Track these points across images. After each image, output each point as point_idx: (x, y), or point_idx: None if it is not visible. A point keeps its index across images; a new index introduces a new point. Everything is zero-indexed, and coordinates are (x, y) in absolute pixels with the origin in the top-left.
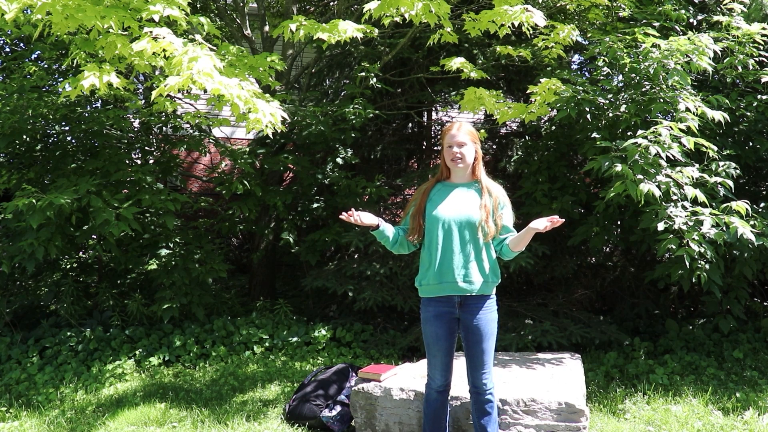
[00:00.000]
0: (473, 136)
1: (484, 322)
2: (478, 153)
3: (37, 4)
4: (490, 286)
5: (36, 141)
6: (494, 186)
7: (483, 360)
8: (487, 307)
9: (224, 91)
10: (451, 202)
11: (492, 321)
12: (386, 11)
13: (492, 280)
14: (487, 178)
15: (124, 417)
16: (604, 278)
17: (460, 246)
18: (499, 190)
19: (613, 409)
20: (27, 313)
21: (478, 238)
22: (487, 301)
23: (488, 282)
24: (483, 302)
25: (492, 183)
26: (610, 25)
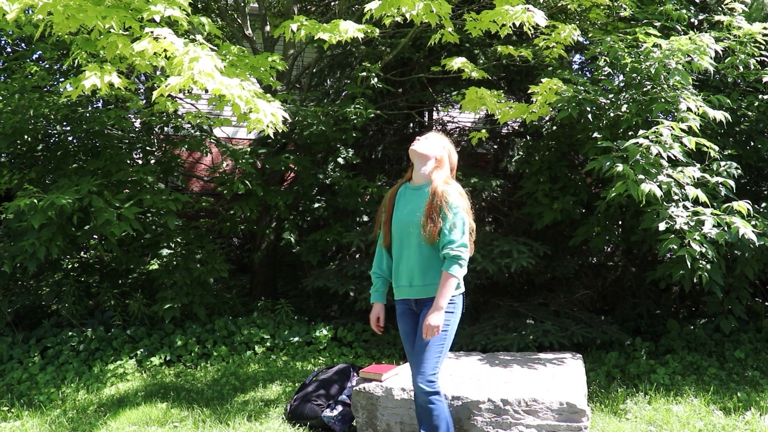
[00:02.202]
0: (444, 140)
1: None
2: (441, 158)
3: (38, 4)
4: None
5: (37, 141)
6: (442, 187)
7: (420, 358)
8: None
9: (225, 91)
10: (404, 204)
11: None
12: (387, 11)
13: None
14: (441, 180)
15: (125, 417)
16: (606, 278)
17: (409, 249)
18: (447, 192)
19: (614, 409)
20: (28, 312)
21: (425, 242)
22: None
23: (435, 284)
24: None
25: (441, 185)
26: (611, 25)
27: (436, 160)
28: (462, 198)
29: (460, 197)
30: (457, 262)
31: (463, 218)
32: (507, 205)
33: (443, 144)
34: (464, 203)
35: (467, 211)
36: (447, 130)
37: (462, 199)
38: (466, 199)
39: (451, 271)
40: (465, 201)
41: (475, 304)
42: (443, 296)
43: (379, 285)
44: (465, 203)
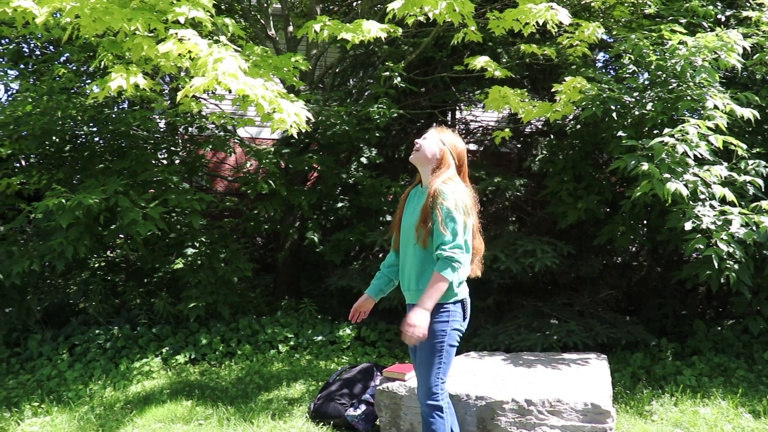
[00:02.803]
0: (442, 134)
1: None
2: (441, 156)
3: (66, 7)
4: None
5: (65, 142)
6: (435, 186)
7: (420, 371)
8: (432, 317)
9: (249, 91)
10: (410, 207)
11: (430, 332)
12: (410, 10)
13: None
14: (440, 179)
15: (151, 414)
16: (630, 278)
17: (409, 253)
18: (439, 192)
19: (639, 410)
20: (57, 311)
21: (418, 244)
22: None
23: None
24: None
25: (437, 184)
26: (636, 23)
27: (436, 160)
28: (458, 196)
29: (454, 195)
30: (450, 264)
31: (456, 217)
32: (530, 205)
33: (442, 140)
34: (462, 201)
35: (466, 210)
36: (470, 129)
37: (458, 197)
38: (467, 197)
39: (442, 273)
40: (463, 199)
41: (499, 304)
42: (429, 296)
43: (378, 279)
44: (463, 201)
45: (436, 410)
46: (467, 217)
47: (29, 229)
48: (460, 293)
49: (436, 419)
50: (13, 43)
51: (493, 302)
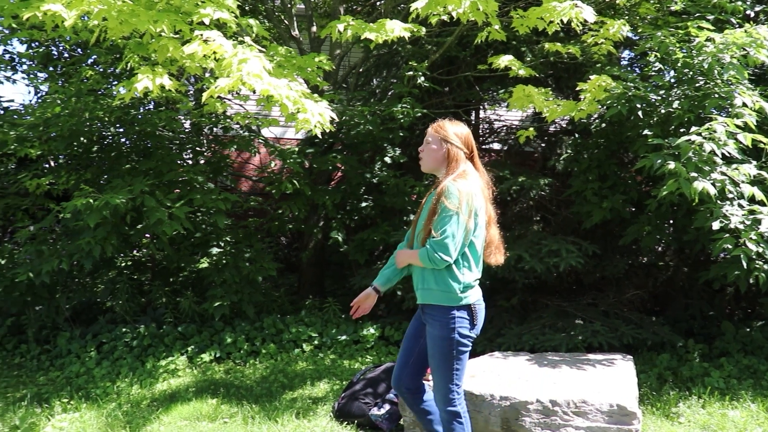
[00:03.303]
0: (441, 132)
1: (430, 337)
2: (450, 151)
3: (93, 10)
4: (435, 295)
5: (92, 143)
6: (445, 185)
7: (434, 378)
8: (436, 320)
9: (273, 91)
10: (424, 207)
11: (438, 338)
12: (433, 10)
13: (436, 288)
14: (450, 177)
15: (177, 412)
16: (657, 278)
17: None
18: (446, 190)
19: (666, 412)
20: (85, 309)
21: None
22: (436, 313)
23: (431, 290)
24: (433, 314)
25: (447, 182)
26: (662, 20)
27: (444, 160)
28: (463, 195)
29: (459, 195)
30: (428, 254)
31: (453, 219)
32: (555, 204)
33: (444, 138)
34: (467, 201)
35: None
36: (494, 129)
37: (463, 197)
38: (476, 193)
39: (419, 255)
40: (469, 198)
41: (523, 304)
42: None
43: (387, 268)
44: (468, 201)
45: (456, 417)
46: (471, 218)
47: (58, 229)
48: (467, 298)
49: (455, 426)
50: (42, 46)
51: (518, 302)
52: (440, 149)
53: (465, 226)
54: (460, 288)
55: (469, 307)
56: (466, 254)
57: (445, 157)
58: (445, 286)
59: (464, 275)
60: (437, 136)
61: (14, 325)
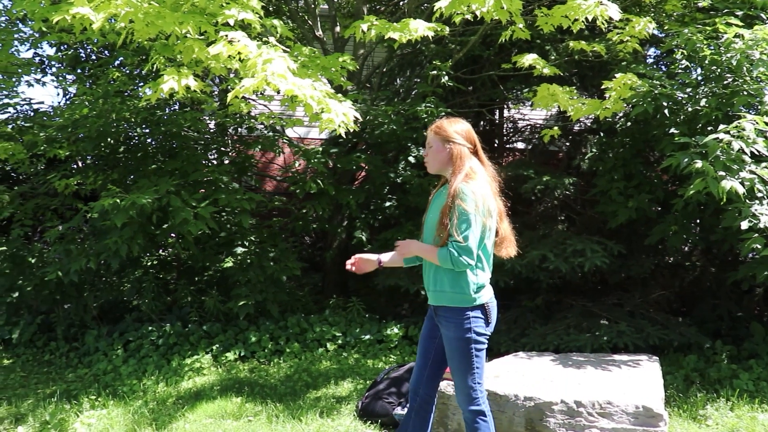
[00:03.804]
0: (442, 133)
1: (446, 339)
2: (454, 151)
3: (121, 13)
4: (449, 297)
5: (119, 143)
6: (457, 186)
7: (455, 380)
8: (451, 321)
9: (297, 91)
10: (432, 206)
11: (454, 340)
12: (457, 9)
13: (450, 290)
14: (460, 177)
15: (202, 410)
16: (683, 278)
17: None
18: (460, 191)
19: (693, 414)
20: (112, 307)
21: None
22: (450, 314)
23: (445, 293)
24: (447, 315)
25: (459, 183)
26: (689, 16)
27: (450, 160)
28: (477, 196)
29: (474, 196)
30: (450, 256)
31: (472, 220)
32: (580, 204)
33: (447, 138)
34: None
35: (487, 211)
36: (518, 128)
37: (478, 197)
38: (488, 192)
39: (438, 255)
40: (484, 198)
41: (548, 304)
42: (422, 248)
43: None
44: (483, 201)
45: (479, 415)
46: (487, 218)
47: (86, 229)
48: (480, 298)
49: (480, 423)
50: (71, 49)
51: (542, 302)
52: (444, 150)
53: (482, 227)
54: (474, 289)
55: (483, 307)
56: (479, 255)
57: (450, 157)
58: (459, 288)
59: (478, 276)
60: (438, 137)
61: (44, 323)
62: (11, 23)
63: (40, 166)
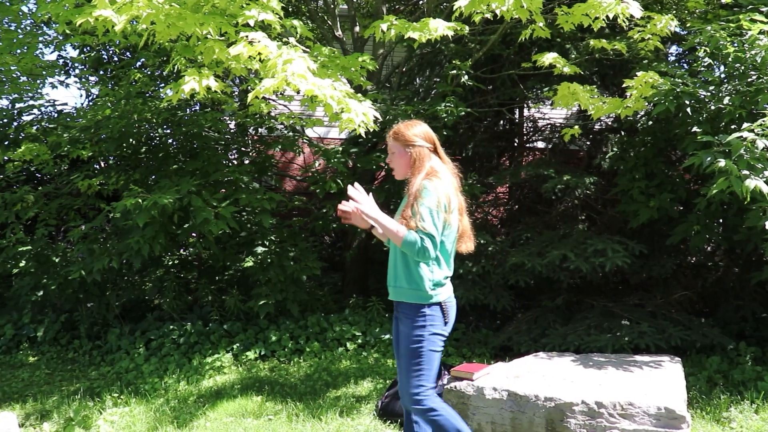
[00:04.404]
0: (401, 138)
1: (402, 335)
2: (415, 154)
3: (142, 14)
4: (406, 293)
5: (141, 144)
6: (420, 184)
7: (401, 378)
8: (408, 318)
9: (317, 92)
10: (399, 207)
11: (409, 336)
12: (477, 8)
13: (407, 286)
14: (421, 176)
15: (223, 408)
16: (706, 279)
17: (392, 251)
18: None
19: (716, 416)
20: (134, 306)
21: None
22: (408, 310)
23: (402, 288)
24: (405, 312)
25: (421, 181)
26: (712, 13)
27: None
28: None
29: (436, 192)
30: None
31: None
32: (601, 203)
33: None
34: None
35: (449, 206)
36: (538, 127)
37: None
38: (449, 188)
39: (407, 236)
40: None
41: (568, 304)
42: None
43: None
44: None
45: (429, 412)
46: (449, 214)
47: (108, 228)
48: (438, 296)
49: (435, 418)
50: (94, 51)
51: (563, 302)
52: (406, 154)
53: (444, 221)
54: (431, 285)
55: (441, 305)
56: (437, 252)
57: (413, 163)
58: (415, 284)
59: (434, 273)
60: (398, 143)
61: (68, 321)
62: (36, 26)
63: (64, 167)
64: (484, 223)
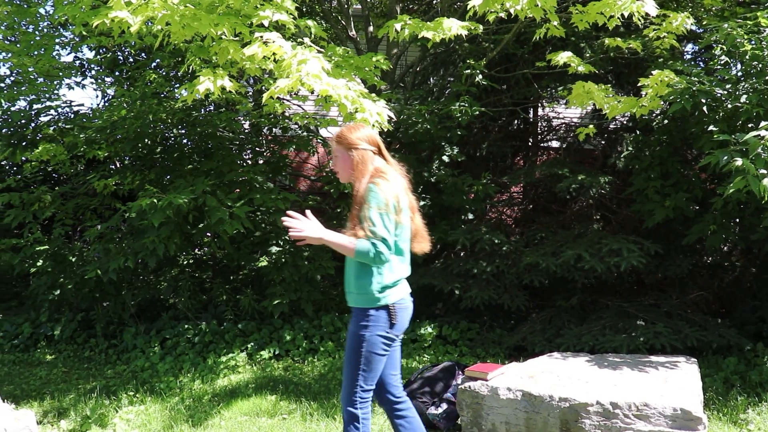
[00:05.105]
0: (344, 141)
1: (348, 335)
2: (357, 159)
3: (158, 15)
4: (354, 298)
5: (156, 144)
6: (365, 187)
7: (343, 376)
8: (355, 319)
9: (332, 91)
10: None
11: (351, 335)
12: (491, 7)
13: (355, 291)
14: (365, 180)
15: (237, 407)
16: (722, 279)
17: (347, 258)
18: (368, 191)
19: (734, 418)
20: (149, 305)
21: None
22: (357, 313)
23: (351, 294)
24: (354, 315)
25: (366, 185)
26: (728, 10)
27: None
28: (387, 193)
29: (383, 194)
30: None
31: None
32: (616, 203)
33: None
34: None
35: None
36: (552, 126)
37: (388, 195)
38: (397, 189)
39: (357, 244)
40: (393, 195)
41: (583, 304)
42: (335, 236)
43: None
44: (393, 198)
45: (354, 420)
46: (398, 214)
47: (124, 228)
48: (385, 299)
49: (351, 430)
50: (109, 52)
51: (577, 302)
52: (349, 158)
53: (394, 222)
54: (378, 289)
55: (388, 308)
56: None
57: (355, 163)
58: (363, 288)
59: (384, 276)
60: (341, 146)
61: (84, 320)
62: (53, 28)
63: (80, 167)
64: (499, 223)
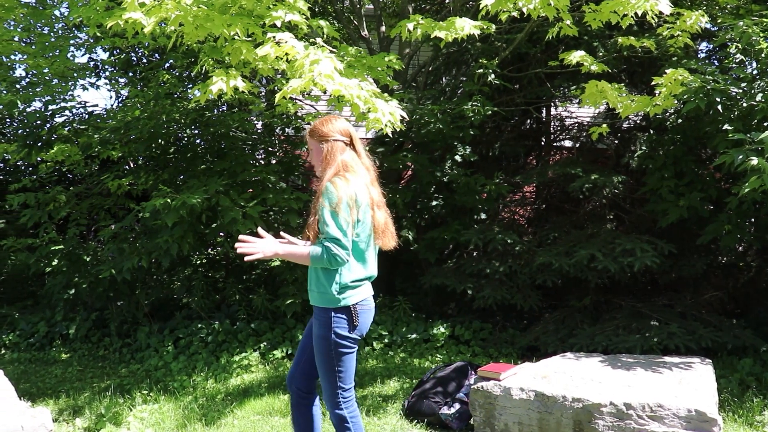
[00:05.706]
0: (317, 134)
1: (314, 338)
2: (326, 150)
3: (171, 16)
4: (315, 296)
5: (169, 144)
6: (324, 184)
7: (321, 381)
8: (317, 320)
9: (344, 91)
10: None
11: (317, 338)
12: (503, 6)
13: (316, 290)
14: (328, 176)
15: (250, 406)
16: (737, 279)
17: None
18: (325, 189)
19: (749, 420)
20: (163, 305)
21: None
22: (318, 313)
23: (312, 292)
24: (316, 314)
25: (326, 181)
26: (744, 8)
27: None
28: (343, 191)
29: (338, 191)
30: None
31: (338, 213)
32: (629, 202)
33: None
34: (348, 195)
35: (353, 203)
36: (565, 126)
37: (343, 192)
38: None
39: (312, 252)
40: (350, 192)
41: (596, 304)
42: (289, 249)
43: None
44: (349, 195)
45: (343, 422)
46: (354, 210)
47: (138, 228)
48: (346, 299)
49: (343, 430)
50: (123, 53)
51: (590, 302)
52: (322, 151)
53: (352, 218)
54: (337, 289)
55: (348, 309)
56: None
57: (324, 155)
58: (322, 287)
59: (342, 276)
60: (314, 139)
61: (98, 320)
62: (68, 30)
63: (94, 167)
64: (511, 223)
